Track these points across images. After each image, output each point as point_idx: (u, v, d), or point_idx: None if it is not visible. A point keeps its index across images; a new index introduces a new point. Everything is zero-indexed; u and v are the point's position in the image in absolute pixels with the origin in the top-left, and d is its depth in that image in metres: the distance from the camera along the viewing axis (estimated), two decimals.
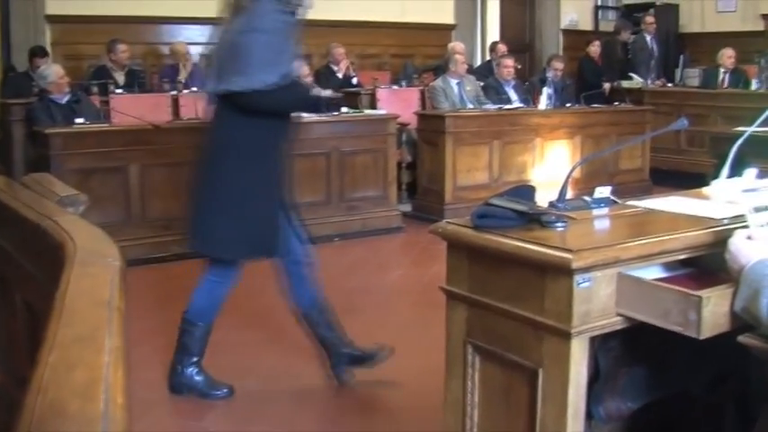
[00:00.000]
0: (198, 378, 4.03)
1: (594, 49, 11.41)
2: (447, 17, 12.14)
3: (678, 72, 11.39)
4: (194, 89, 8.67)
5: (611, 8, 13.87)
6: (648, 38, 11.81)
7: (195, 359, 4.04)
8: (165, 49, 9.91)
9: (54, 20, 9.50)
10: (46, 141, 6.28)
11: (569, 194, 2.67)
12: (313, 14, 10.89)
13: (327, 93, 4.08)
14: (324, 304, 4.09)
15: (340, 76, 9.90)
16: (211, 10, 10.41)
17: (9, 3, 9.30)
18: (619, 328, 2.25)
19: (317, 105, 4.04)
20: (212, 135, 3.89)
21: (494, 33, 12.80)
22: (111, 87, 8.25)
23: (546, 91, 8.92)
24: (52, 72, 7.15)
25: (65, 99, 7.09)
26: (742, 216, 2.28)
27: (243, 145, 3.76)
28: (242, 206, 3.75)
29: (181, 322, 4.05)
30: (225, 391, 4.03)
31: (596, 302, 2.17)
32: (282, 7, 3.68)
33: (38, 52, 8.75)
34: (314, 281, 4.07)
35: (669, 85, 11.25)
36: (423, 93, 9.53)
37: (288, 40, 3.76)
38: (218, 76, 3.74)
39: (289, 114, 3.93)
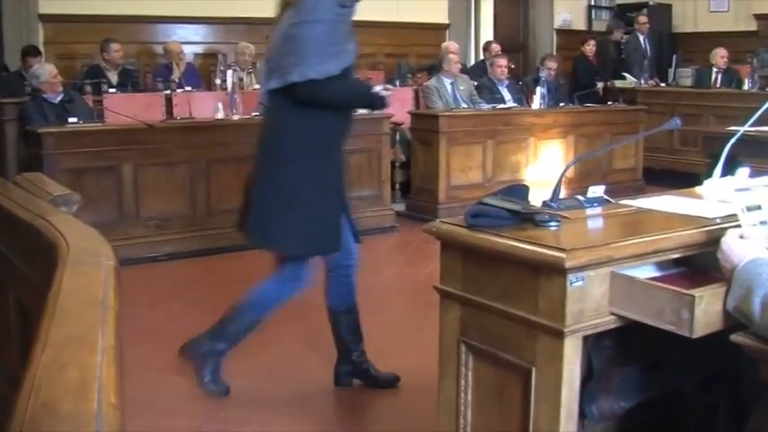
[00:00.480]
0: (211, 360, 4.00)
1: (590, 48, 11.41)
2: (441, 17, 12.15)
3: (671, 72, 11.40)
4: (188, 88, 8.67)
5: (605, 8, 13.89)
6: (642, 38, 11.82)
7: (224, 345, 4.02)
8: (159, 49, 9.90)
9: (47, 19, 9.48)
10: (39, 141, 6.27)
11: (563, 194, 2.68)
12: None
13: (385, 91, 4.02)
14: (354, 307, 4.08)
15: None
16: (205, 9, 10.43)
17: (1, 2, 9.29)
18: (612, 327, 2.26)
19: (375, 102, 4.00)
20: (271, 131, 3.85)
21: (487, 33, 12.81)
22: (105, 87, 8.22)
23: (539, 90, 8.92)
24: (45, 71, 7.13)
25: (58, 98, 7.07)
26: (734, 215, 2.29)
27: (303, 141, 3.73)
28: (305, 202, 3.71)
29: (233, 305, 4.01)
30: (221, 389, 4.01)
31: (589, 301, 2.17)
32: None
33: (30, 51, 8.71)
34: (353, 281, 4.06)
35: (662, 84, 11.27)
36: (416, 92, 9.53)
37: (343, 32, 3.72)
38: (276, 72, 3.70)
39: (347, 109, 3.91)
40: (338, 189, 3.88)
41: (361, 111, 6.11)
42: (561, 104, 9.34)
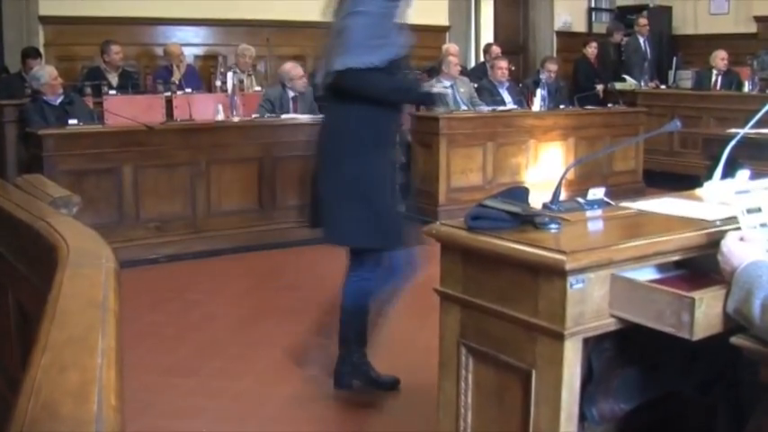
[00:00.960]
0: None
1: (591, 50, 11.41)
2: (441, 19, 12.14)
3: (671, 74, 11.41)
4: (188, 90, 8.67)
5: (605, 10, 13.88)
6: (642, 40, 11.82)
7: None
8: (159, 51, 9.90)
9: (47, 21, 9.49)
10: (39, 142, 6.27)
11: (563, 196, 2.68)
12: (308, 16, 10.88)
13: (439, 88, 3.99)
14: (367, 310, 4.06)
15: None
16: (205, 11, 10.44)
17: (2, 3, 9.29)
18: (612, 329, 2.25)
19: (426, 99, 3.99)
20: (328, 126, 3.89)
21: (488, 35, 12.81)
22: (105, 88, 8.23)
23: (540, 92, 8.92)
24: (45, 73, 7.13)
25: (58, 100, 7.07)
26: (734, 218, 2.29)
27: (358, 134, 3.74)
28: (366, 196, 3.71)
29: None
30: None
31: (590, 304, 2.17)
32: None
33: (31, 53, 8.72)
34: (374, 285, 4.04)
35: (662, 86, 11.27)
36: None
37: (391, 26, 3.72)
38: (327, 64, 3.73)
39: (391, 103, 3.88)
40: (392, 185, 3.86)
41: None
42: (561, 107, 9.34)
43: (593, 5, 13.77)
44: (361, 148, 3.73)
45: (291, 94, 7.87)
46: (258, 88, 9.15)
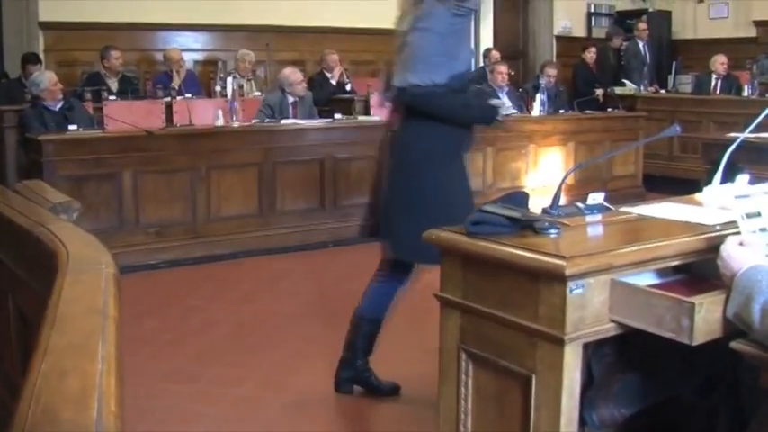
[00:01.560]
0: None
1: (590, 55, 11.42)
2: None
3: (671, 78, 11.42)
4: (188, 95, 8.67)
5: (605, 15, 13.89)
6: (641, 44, 11.83)
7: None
8: (159, 56, 9.91)
9: (47, 26, 9.49)
10: (39, 148, 6.27)
11: (563, 201, 2.68)
12: (307, 21, 10.89)
13: (504, 103, 3.95)
14: (380, 321, 4.06)
15: (334, 82, 9.91)
16: (205, 17, 10.44)
17: (2, 8, 9.29)
18: (612, 334, 2.25)
19: (488, 119, 3.96)
20: (400, 142, 3.85)
21: (487, 40, 12.81)
22: (105, 94, 8.22)
23: (539, 97, 8.93)
24: (45, 79, 7.13)
25: (58, 106, 7.08)
26: (734, 222, 2.29)
27: (426, 148, 3.72)
28: (436, 212, 3.69)
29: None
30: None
31: (589, 309, 2.17)
32: (452, 8, 3.64)
33: (31, 59, 8.72)
34: (396, 297, 4.04)
35: (662, 91, 11.28)
36: None
37: (457, 42, 3.72)
38: (398, 79, 3.72)
39: (459, 123, 3.85)
40: (461, 197, 3.83)
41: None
42: (561, 111, 9.35)
43: (592, 10, 13.78)
44: (432, 164, 3.70)
45: (291, 99, 7.87)
46: (258, 93, 9.15)
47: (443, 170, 3.73)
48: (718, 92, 10.47)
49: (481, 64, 11.63)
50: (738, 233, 2.24)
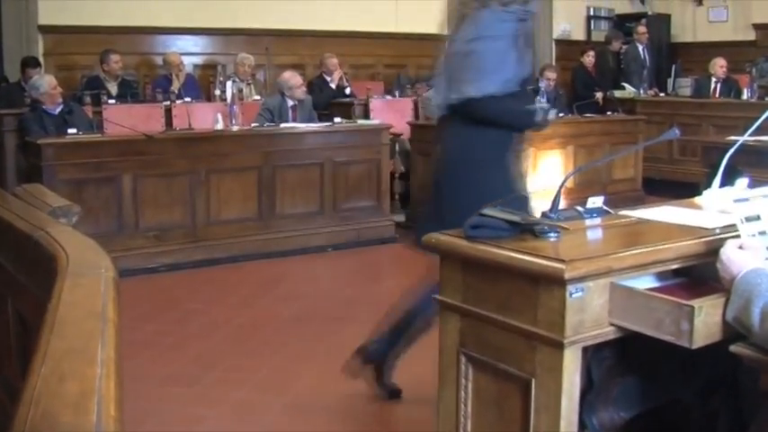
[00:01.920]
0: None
1: (589, 59, 11.43)
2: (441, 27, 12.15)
3: (670, 82, 11.42)
4: (187, 99, 8.68)
5: (604, 18, 13.90)
6: (641, 48, 11.84)
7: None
8: (159, 60, 9.91)
9: (47, 30, 9.50)
10: (38, 152, 6.27)
11: (562, 204, 2.68)
12: (306, 24, 10.88)
13: (549, 108, 3.95)
14: (430, 322, 4.05)
15: (333, 86, 9.91)
16: (204, 20, 10.43)
17: (1, 12, 9.30)
18: (612, 338, 2.25)
19: (541, 124, 3.98)
20: (447, 147, 3.85)
21: None
22: (104, 98, 8.23)
23: (539, 101, 8.91)
24: (45, 83, 7.14)
25: (57, 110, 7.08)
26: (734, 225, 2.29)
27: (478, 156, 3.71)
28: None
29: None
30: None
31: (589, 312, 2.17)
32: (508, 14, 3.64)
33: (30, 63, 8.72)
34: None
35: (661, 94, 11.28)
36: (416, 103, 9.54)
37: (515, 48, 3.70)
38: (449, 87, 3.70)
39: (523, 129, 3.90)
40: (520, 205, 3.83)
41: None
42: (560, 115, 9.33)
43: (591, 13, 13.79)
44: (486, 171, 3.68)
45: (290, 102, 7.88)
46: (257, 97, 9.16)
47: (496, 178, 3.68)
48: (717, 95, 10.47)
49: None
50: (738, 236, 2.24)
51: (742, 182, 2.87)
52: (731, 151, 2.97)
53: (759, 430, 2.15)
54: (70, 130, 6.68)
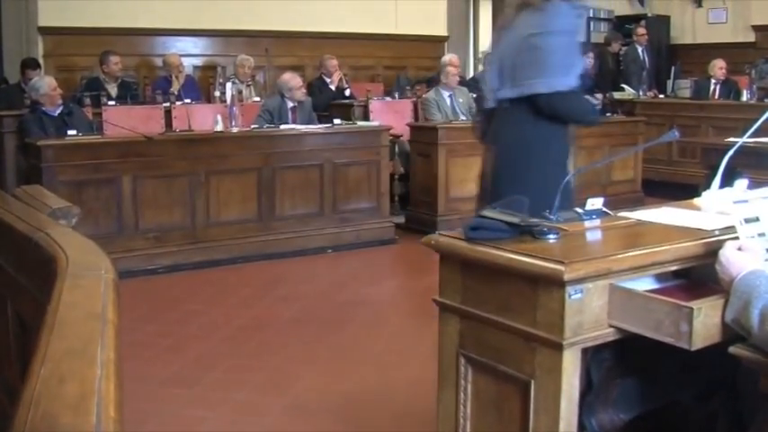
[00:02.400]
0: None
1: (589, 61, 11.42)
2: (440, 29, 12.17)
3: (669, 83, 11.42)
4: (187, 100, 8.68)
5: (603, 20, 13.90)
6: (640, 49, 11.84)
7: None
8: (158, 61, 9.92)
9: (47, 31, 9.51)
10: (38, 153, 6.28)
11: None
12: (306, 26, 10.88)
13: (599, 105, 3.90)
14: None
15: (333, 87, 9.92)
16: (204, 22, 10.44)
17: (1, 14, 9.30)
18: (611, 339, 2.25)
19: (596, 116, 3.97)
20: (505, 140, 3.78)
21: (486, 45, 12.82)
22: (104, 99, 8.23)
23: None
24: (44, 84, 7.14)
25: (57, 111, 7.08)
26: (733, 227, 2.29)
27: (541, 151, 3.67)
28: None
29: None
30: None
31: (588, 314, 2.17)
32: (573, 9, 3.63)
33: (30, 64, 8.73)
34: None
35: (661, 96, 11.28)
36: (415, 104, 9.54)
37: (579, 42, 3.71)
38: (512, 80, 3.66)
39: (583, 122, 3.93)
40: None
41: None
42: None
43: (591, 15, 13.78)
44: (545, 165, 3.64)
45: (290, 104, 7.88)
46: (257, 98, 9.16)
47: (555, 172, 3.60)
48: (716, 97, 10.47)
49: (480, 68, 11.65)
50: (737, 238, 2.24)
51: (741, 183, 2.87)
52: (730, 153, 2.97)
53: None
54: (70, 132, 6.68)
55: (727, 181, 2.92)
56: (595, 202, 2.70)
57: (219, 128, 7.16)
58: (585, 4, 3.65)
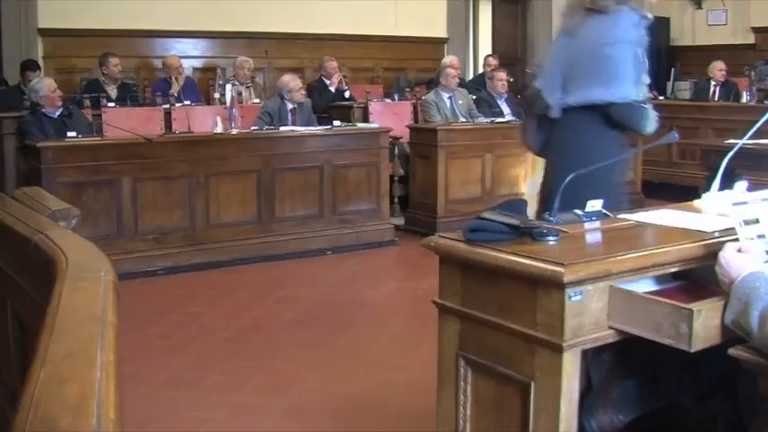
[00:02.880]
0: None
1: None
2: (439, 31, 12.17)
3: (669, 85, 11.41)
4: (187, 102, 8.67)
5: None
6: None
7: None
8: (158, 63, 9.92)
9: (46, 33, 9.50)
10: (37, 155, 6.27)
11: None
12: (305, 28, 10.89)
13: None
14: None
15: (333, 89, 9.91)
16: (204, 23, 10.44)
17: (1, 16, 9.30)
18: (611, 341, 2.25)
19: (656, 125, 3.99)
20: (566, 147, 3.79)
21: (486, 46, 12.84)
22: (104, 101, 8.22)
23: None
24: (44, 86, 7.14)
25: (57, 113, 7.08)
26: (732, 229, 2.29)
27: (598, 157, 3.60)
28: None
29: None
30: None
31: (588, 316, 2.17)
32: (642, 19, 3.64)
33: (30, 66, 8.73)
34: None
35: (660, 97, 11.25)
36: (415, 106, 9.54)
37: (644, 51, 3.73)
38: (581, 88, 3.68)
39: (647, 131, 3.88)
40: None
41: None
42: None
43: None
44: (605, 171, 3.67)
45: (290, 105, 7.89)
46: (257, 100, 9.16)
47: (615, 181, 3.72)
48: (716, 98, 10.46)
49: (480, 70, 11.65)
50: (737, 240, 2.24)
51: (741, 185, 2.87)
52: (730, 154, 2.98)
53: None
54: (69, 134, 6.67)
55: (726, 183, 2.92)
56: (595, 204, 2.70)
57: (219, 129, 7.15)
58: (648, 13, 3.66)
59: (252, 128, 7.54)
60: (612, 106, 3.60)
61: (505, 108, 9.31)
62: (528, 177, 8.36)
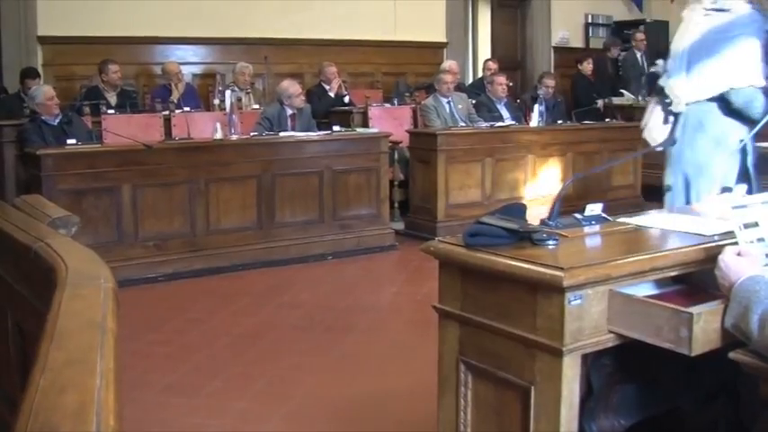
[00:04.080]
0: None
1: (587, 66, 11.44)
2: (439, 35, 12.18)
3: None
4: (187, 109, 8.68)
5: (602, 25, 13.92)
6: (639, 54, 11.84)
7: None
8: (158, 69, 9.92)
9: (46, 41, 9.51)
10: (37, 162, 6.27)
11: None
12: (305, 33, 10.91)
13: None
14: None
15: (332, 94, 9.92)
16: (203, 30, 10.46)
17: (0, 24, 9.31)
18: (611, 345, 2.25)
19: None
20: (702, 134, 4.08)
21: (485, 51, 12.85)
22: (104, 108, 8.23)
23: (537, 108, 8.93)
24: (41, 93, 7.13)
25: (56, 120, 7.08)
26: (732, 232, 2.29)
27: (731, 143, 3.95)
28: None
29: None
30: None
31: (588, 320, 2.17)
32: (763, 15, 3.85)
33: (29, 73, 8.73)
34: None
35: None
36: (415, 111, 9.54)
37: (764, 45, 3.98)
38: (708, 80, 4.02)
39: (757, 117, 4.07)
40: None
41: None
42: (559, 122, 9.35)
43: (590, 21, 13.80)
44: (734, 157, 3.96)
45: (289, 111, 7.89)
46: (256, 106, 9.16)
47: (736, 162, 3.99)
48: None
49: (480, 75, 11.66)
50: (736, 243, 2.24)
51: (740, 188, 2.87)
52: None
53: None
54: (69, 141, 6.68)
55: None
56: (594, 208, 2.70)
57: (219, 135, 7.16)
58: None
59: (251, 134, 7.55)
60: (737, 94, 3.90)
61: (505, 112, 9.32)
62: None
